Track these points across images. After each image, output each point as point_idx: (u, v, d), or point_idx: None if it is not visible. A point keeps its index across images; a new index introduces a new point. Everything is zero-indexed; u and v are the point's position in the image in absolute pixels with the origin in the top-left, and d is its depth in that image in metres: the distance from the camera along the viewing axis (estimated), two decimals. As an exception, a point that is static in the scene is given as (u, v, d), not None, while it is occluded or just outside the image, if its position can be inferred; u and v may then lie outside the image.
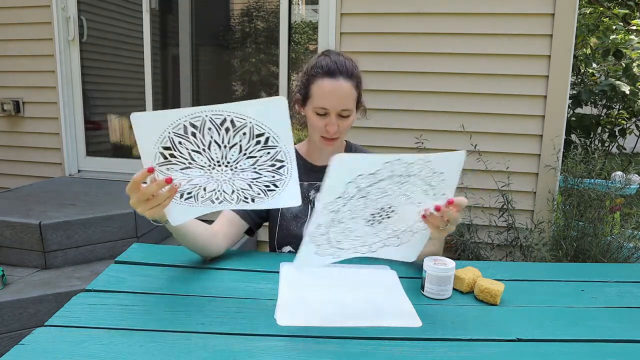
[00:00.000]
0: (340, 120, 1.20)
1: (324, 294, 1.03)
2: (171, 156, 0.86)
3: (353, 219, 0.85)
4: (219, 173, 0.89)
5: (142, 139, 0.85)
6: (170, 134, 0.83)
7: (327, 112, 1.19)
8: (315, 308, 0.96)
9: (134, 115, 0.82)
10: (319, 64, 1.21)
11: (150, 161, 0.87)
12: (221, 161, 0.87)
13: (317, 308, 0.96)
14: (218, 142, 0.85)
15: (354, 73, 1.22)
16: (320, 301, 0.99)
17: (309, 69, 1.24)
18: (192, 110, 0.81)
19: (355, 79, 1.22)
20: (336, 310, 0.95)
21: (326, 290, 1.05)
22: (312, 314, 0.94)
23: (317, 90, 1.19)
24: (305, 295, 1.02)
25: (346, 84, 1.18)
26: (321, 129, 1.21)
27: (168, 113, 0.82)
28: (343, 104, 1.18)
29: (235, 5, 3.16)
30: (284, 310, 0.95)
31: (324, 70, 1.19)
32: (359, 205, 0.83)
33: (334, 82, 1.18)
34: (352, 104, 1.21)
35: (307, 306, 0.97)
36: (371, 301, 1.00)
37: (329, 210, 0.81)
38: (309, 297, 1.01)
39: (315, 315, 0.93)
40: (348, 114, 1.21)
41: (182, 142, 0.84)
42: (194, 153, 0.86)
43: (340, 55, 1.23)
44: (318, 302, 0.99)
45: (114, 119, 3.33)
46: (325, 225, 0.84)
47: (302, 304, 0.98)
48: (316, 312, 0.95)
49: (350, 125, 1.23)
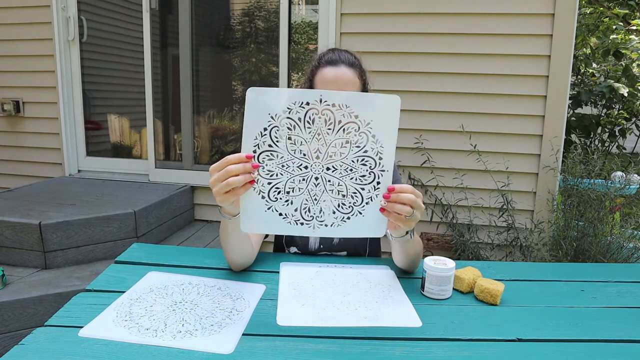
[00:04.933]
0: None
1: (324, 294, 1.03)
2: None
3: (285, 168, 0.87)
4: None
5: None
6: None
7: None
8: (315, 308, 0.96)
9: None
10: (321, 57, 1.24)
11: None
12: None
13: (317, 308, 0.96)
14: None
15: (356, 63, 1.23)
16: (320, 301, 0.99)
17: (312, 64, 1.26)
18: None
19: (358, 69, 1.23)
20: (336, 311, 0.96)
21: (326, 290, 1.05)
22: (312, 314, 0.94)
23: (319, 79, 1.21)
24: (305, 295, 1.02)
25: (348, 70, 1.20)
26: None
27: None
28: (345, 89, 1.18)
29: (235, 5, 3.16)
30: (284, 310, 0.95)
31: (326, 60, 1.22)
32: (289, 155, 0.86)
33: (336, 69, 1.20)
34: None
35: (307, 306, 0.97)
36: (371, 301, 1.00)
37: (259, 148, 0.85)
38: (309, 297, 1.01)
39: (315, 315, 0.93)
40: None
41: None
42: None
43: (343, 50, 1.26)
44: (318, 302, 0.99)
45: (114, 119, 3.33)
46: (265, 169, 0.86)
47: (302, 304, 0.98)
48: (316, 312, 0.95)
49: None
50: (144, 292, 0.99)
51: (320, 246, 1.31)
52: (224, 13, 3.20)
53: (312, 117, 0.85)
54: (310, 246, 1.31)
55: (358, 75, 1.22)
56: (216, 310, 0.92)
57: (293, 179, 0.88)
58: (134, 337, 0.81)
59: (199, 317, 0.89)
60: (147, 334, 0.82)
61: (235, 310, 0.93)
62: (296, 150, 0.86)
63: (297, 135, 0.86)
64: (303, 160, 0.87)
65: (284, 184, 0.88)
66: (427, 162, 2.57)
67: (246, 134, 0.85)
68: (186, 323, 0.87)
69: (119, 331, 0.83)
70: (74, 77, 3.06)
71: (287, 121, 0.85)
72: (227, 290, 1.02)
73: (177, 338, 0.81)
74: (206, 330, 0.84)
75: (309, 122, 0.85)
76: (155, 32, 2.98)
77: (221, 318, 0.89)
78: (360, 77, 1.23)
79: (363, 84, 1.26)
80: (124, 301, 0.95)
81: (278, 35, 2.79)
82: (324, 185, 0.89)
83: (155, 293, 0.99)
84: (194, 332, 0.84)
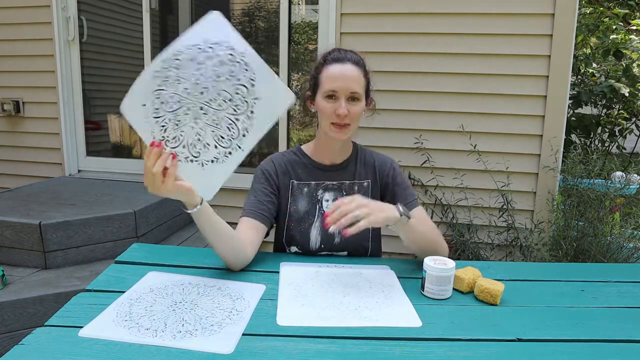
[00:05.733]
0: (349, 104, 1.21)
1: (324, 294, 1.03)
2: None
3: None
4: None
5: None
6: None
7: (336, 96, 1.20)
8: (315, 308, 0.96)
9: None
10: (327, 55, 1.26)
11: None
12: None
13: (317, 308, 0.96)
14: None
15: (361, 62, 1.25)
16: (320, 301, 1.00)
17: (317, 62, 1.28)
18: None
19: (363, 68, 1.25)
20: (336, 311, 0.96)
21: (326, 290, 1.05)
22: (312, 314, 0.94)
23: (325, 75, 1.22)
24: (305, 296, 1.02)
25: (354, 67, 1.22)
26: (331, 115, 1.21)
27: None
28: (351, 86, 1.20)
29: (235, 5, 3.16)
30: (284, 310, 0.95)
31: (332, 58, 1.24)
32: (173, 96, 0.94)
33: (342, 65, 1.22)
34: (361, 89, 1.22)
35: (307, 306, 0.97)
36: (371, 301, 1.00)
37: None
38: (309, 297, 1.01)
39: (315, 315, 0.93)
40: (357, 97, 1.22)
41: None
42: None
43: (348, 50, 1.27)
44: (318, 302, 0.99)
45: (114, 119, 3.33)
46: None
47: (302, 304, 0.98)
48: (316, 312, 0.95)
49: (359, 112, 1.24)
50: (144, 292, 0.99)
51: (321, 246, 1.31)
52: (224, 13, 3.17)
53: (196, 56, 0.93)
54: (311, 246, 1.31)
55: (363, 73, 1.24)
56: (216, 310, 0.92)
57: (176, 113, 0.95)
58: (134, 337, 0.81)
59: (199, 317, 0.89)
60: (147, 334, 0.82)
61: (235, 310, 0.93)
62: (178, 89, 0.94)
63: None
64: (182, 97, 0.94)
65: (186, 134, 0.96)
66: (427, 162, 2.57)
67: (137, 81, 0.94)
68: (186, 323, 0.87)
69: (119, 331, 0.83)
70: (74, 77, 3.06)
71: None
72: (227, 290, 1.02)
73: (177, 338, 0.81)
74: (206, 330, 0.84)
75: (192, 60, 0.93)
76: (155, 32, 2.98)
77: (221, 318, 0.89)
78: (365, 75, 1.25)
79: (367, 84, 1.27)
80: (124, 301, 0.95)
81: (278, 35, 2.79)
82: (200, 118, 0.96)
83: (155, 293, 0.99)
84: (194, 332, 0.84)
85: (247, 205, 1.26)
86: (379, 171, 1.36)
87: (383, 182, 1.36)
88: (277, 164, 1.32)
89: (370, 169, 1.36)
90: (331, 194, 1.32)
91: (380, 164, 1.37)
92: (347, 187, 1.34)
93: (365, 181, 1.35)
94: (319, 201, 1.32)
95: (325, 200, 1.32)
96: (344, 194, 1.32)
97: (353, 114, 1.22)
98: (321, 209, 1.31)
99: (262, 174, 1.31)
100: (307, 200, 1.31)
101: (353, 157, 1.36)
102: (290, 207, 1.31)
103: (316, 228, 1.30)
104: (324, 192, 1.32)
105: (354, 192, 1.33)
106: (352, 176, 1.34)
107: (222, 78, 0.94)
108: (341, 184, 1.33)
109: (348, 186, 1.34)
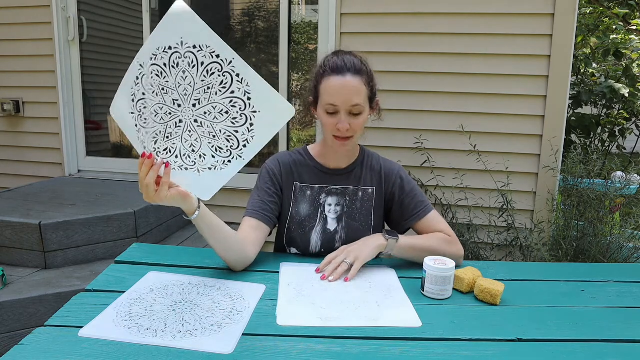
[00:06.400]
0: (351, 118, 1.18)
1: (323, 294, 1.03)
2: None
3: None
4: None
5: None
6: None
7: (337, 110, 1.17)
8: (315, 308, 0.96)
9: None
10: (326, 63, 1.21)
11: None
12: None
13: (317, 308, 0.96)
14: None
15: (362, 69, 1.19)
16: (320, 301, 0.99)
17: (317, 70, 1.23)
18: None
19: (365, 75, 1.19)
20: (336, 310, 0.96)
21: (326, 290, 1.05)
22: (312, 314, 0.94)
23: (325, 88, 1.18)
24: (305, 295, 1.02)
25: (354, 79, 1.17)
26: (333, 129, 1.19)
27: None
28: (352, 100, 1.16)
29: (235, 5, 3.16)
30: (284, 310, 0.95)
31: (331, 67, 1.18)
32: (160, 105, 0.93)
33: (341, 78, 1.16)
34: (363, 100, 1.18)
35: (307, 306, 0.97)
36: (371, 301, 1.00)
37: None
38: (309, 297, 1.01)
39: (315, 315, 0.93)
40: (359, 111, 1.18)
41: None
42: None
43: (348, 54, 1.22)
44: (318, 302, 0.99)
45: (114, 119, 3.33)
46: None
47: (302, 304, 0.98)
48: (316, 312, 0.95)
49: (362, 123, 1.21)
50: (144, 292, 0.99)
51: (322, 250, 1.30)
52: (224, 13, 3.20)
53: (176, 61, 0.91)
54: (311, 249, 1.30)
55: (365, 81, 1.19)
56: (216, 310, 0.92)
57: (167, 125, 0.94)
58: (134, 337, 0.81)
59: (199, 317, 0.89)
60: (147, 334, 0.82)
61: (235, 310, 0.93)
62: (167, 99, 0.93)
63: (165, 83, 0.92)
64: (172, 109, 0.93)
65: (178, 146, 0.95)
66: (427, 162, 2.57)
67: (122, 84, 0.95)
68: (186, 323, 0.87)
69: (119, 331, 0.83)
70: (74, 77, 3.06)
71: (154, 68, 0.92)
72: (227, 290, 1.02)
73: (177, 338, 0.81)
74: (206, 330, 0.84)
75: (174, 66, 0.91)
76: (155, 32, 2.98)
77: (221, 318, 0.89)
78: (367, 83, 1.20)
79: (371, 90, 1.22)
80: (124, 301, 0.95)
81: (278, 35, 2.79)
82: (195, 130, 0.95)
83: (155, 293, 0.99)
84: (194, 332, 0.84)
85: (251, 204, 1.26)
86: (385, 179, 1.33)
87: (389, 192, 1.33)
88: (283, 164, 1.31)
89: (376, 175, 1.33)
90: (334, 199, 1.30)
91: (387, 172, 1.34)
92: (351, 193, 1.31)
93: (370, 188, 1.32)
94: (321, 205, 1.30)
95: (327, 204, 1.30)
96: (347, 200, 1.31)
97: (355, 127, 1.19)
98: (323, 213, 1.30)
99: (267, 173, 1.30)
100: (310, 203, 1.30)
101: (359, 161, 1.34)
102: (292, 209, 1.30)
103: (317, 232, 1.29)
104: (327, 197, 1.30)
105: (358, 198, 1.31)
106: (357, 181, 1.32)
107: (213, 90, 0.91)
108: (345, 189, 1.31)
109: (352, 192, 1.31)
